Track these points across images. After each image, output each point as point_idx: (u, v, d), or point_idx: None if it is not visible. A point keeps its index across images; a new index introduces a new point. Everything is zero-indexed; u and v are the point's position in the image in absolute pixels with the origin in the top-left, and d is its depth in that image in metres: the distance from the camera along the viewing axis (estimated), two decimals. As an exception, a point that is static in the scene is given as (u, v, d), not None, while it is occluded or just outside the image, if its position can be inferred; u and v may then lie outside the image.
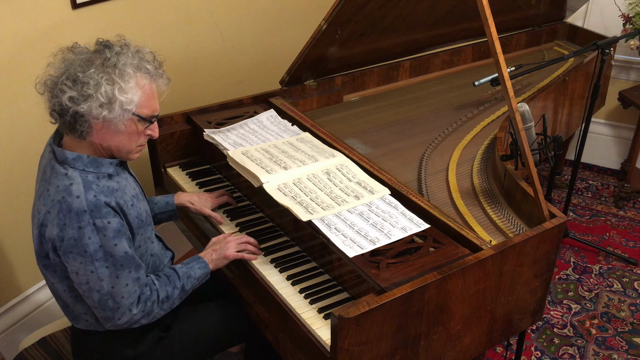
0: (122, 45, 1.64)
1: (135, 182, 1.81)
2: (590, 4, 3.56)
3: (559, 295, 2.99)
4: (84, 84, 1.54)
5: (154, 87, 1.67)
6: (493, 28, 1.71)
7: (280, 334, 1.80)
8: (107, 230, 1.57)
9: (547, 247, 1.84)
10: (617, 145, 3.90)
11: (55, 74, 1.59)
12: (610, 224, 3.48)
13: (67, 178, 1.59)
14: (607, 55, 2.69)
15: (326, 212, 1.82)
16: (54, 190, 1.59)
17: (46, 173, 1.65)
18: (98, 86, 1.55)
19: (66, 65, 1.59)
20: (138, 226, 1.70)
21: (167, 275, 1.78)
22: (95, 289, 1.61)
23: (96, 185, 1.60)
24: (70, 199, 1.55)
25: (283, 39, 3.32)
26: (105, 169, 1.65)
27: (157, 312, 1.74)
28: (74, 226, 1.54)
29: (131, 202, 1.68)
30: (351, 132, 2.51)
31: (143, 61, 1.64)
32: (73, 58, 1.60)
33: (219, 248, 1.90)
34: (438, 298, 1.64)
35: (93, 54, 1.61)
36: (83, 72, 1.56)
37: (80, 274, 1.59)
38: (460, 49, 3.14)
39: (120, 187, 1.67)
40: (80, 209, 1.55)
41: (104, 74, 1.56)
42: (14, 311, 2.50)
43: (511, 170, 2.04)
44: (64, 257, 1.59)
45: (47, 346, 1.99)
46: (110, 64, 1.58)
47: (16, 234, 2.43)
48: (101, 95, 1.55)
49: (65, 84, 1.55)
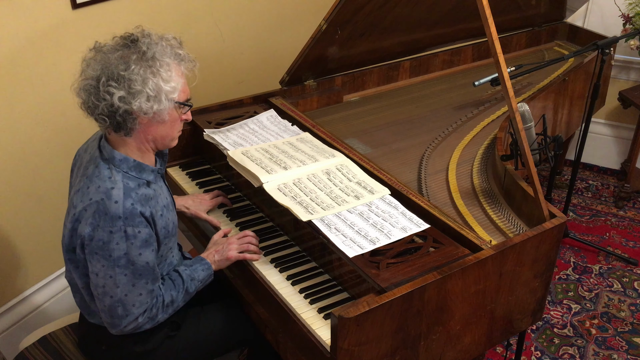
0: (146, 35, 1.62)
1: (168, 192, 1.83)
2: (590, 4, 3.56)
3: (559, 295, 2.99)
4: (130, 81, 1.54)
5: (184, 70, 1.68)
6: (493, 28, 1.71)
7: (280, 334, 1.80)
8: (135, 239, 1.59)
9: (547, 247, 1.84)
10: (617, 145, 3.90)
11: (93, 76, 1.57)
12: (610, 224, 3.48)
13: (110, 181, 1.60)
14: (607, 55, 2.69)
15: (326, 212, 1.82)
16: (94, 189, 1.60)
17: (88, 169, 1.66)
18: (145, 81, 1.56)
19: (102, 66, 1.57)
20: (164, 236, 1.72)
21: (172, 279, 1.78)
22: (109, 294, 1.62)
23: (135, 193, 1.61)
24: (108, 203, 1.57)
25: (283, 39, 3.32)
26: (146, 176, 1.67)
27: (161, 317, 1.74)
28: (105, 229, 1.56)
29: (161, 212, 1.69)
30: (351, 132, 2.51)
31: (173, 47, 1.65)
32: (106, 58, 1.58)
33: (221, 249, 1.90)
34: (438, 298, 1.64)
35: (124, 49, 1.59)
36: (125, 69, 1.55)
37: (100, 276, 1.61)
38: (460, 49, 3.14)
39: (155, 195, 1.68)
40: (115, 214, 1.56)
41: (146, 68, 1.56)
42: (14, 311, 2.50)
43: (511, 170, 2.04)
44: (89, 256, 1.61)
45: (47, 345, 1.98)
46: (148, 57, 1.57)
47: (16, 234, 2.43)
48: (149, 89, 1.56)
49: (110, 85, 1.54)
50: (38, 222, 2.49)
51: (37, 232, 2.50)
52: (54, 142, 2.43)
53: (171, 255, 1.83)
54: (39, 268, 2.56)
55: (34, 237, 2.49)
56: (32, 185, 2.42)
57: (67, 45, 2.37)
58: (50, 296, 2.60)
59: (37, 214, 2.47)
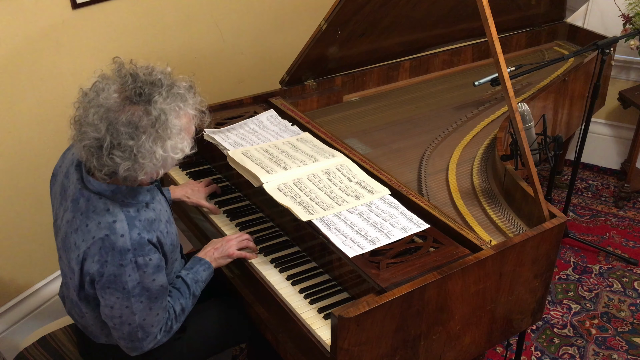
0: (157, 85, 1.50)
1: (166, 202, 1.78)
2: (590, 4, 3.56)
3: (559, 295, 2.99)
4: (138, 154, 1.47)
5: (192, 113, 1.60)
6: (493, 28, 1.71)
7: (280, 334, 1.80)
8: (147, 267, 1.54)
9: (547, 247, 1.84)
10: (617, 145, 3.90)
11: (94, 137, 1.46)
12: (610, 224, 3.48)
13: (109, 214, 1.53)
14: (607, 55, 2.69)
15: (326, 212, 1.82)
16: (94, 226, 1.52)
17: (79, 203, 1.57)
18: (152, 154, 1.48)
19: (107, 126, 1.45)
20: (171, 251, 1.69)
21: (177, 288, 1.77)
22: (127, 322, 1.59)
23: (138, 220, 1.55)
24: (114, 238, 1.50)
25: (283, 39, 3.32)
26: (142, 197, 1.60)
27: (175, 327, 1.74)
28: (115, 263, 1.51)
29: (166, 230, 1.65)
30: (351, 132, 2.51)
31: (182, 99, 1.54)
32: (111, 117, 1.46)
33: (220, 247, 1.90)
34: (438, 298, 1.64)
35: (131, 105, 1.47)
36: (134, 139, 1.46)
37: (115, 308, 1.56)
38: (460, 49, 3.14)
39: (157, 216, 1.62)
40: (124, 248, 1.50)
41: (157, 139, 1.48)
42: (14, 311, 2.50)
43: (511, 170, 2.05)
44: (101, 291, 1.55)
45: (47, 345, 1.98)
46: (160, 125, 1.48)
47: (16, 234, 2.43)
48: (156, 160, 1.50)
49: (114, 153, 1.46)
50: (38, 222, 2.48)
51: (37, 232, 2.50)
52: (54, 142, 2.43)
53: (177, 265, 1.81)
54: (39, 268, 2.56)
55: (33, 237, 2.49)
56: (32, 185, 2.42)
57: (67, 45, 2.37)
58: (50, 296, 2.60)
59: (37, 214, 2.47)
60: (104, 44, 2.52)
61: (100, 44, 2.50)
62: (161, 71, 1.55)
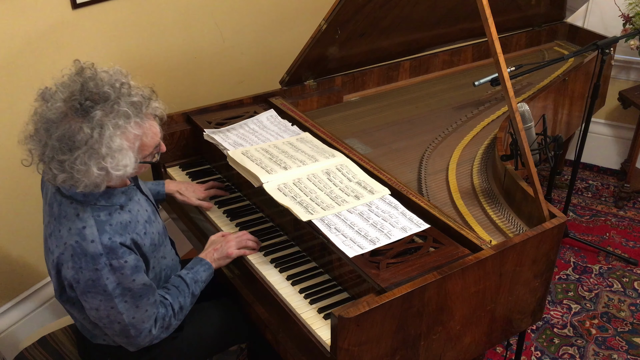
0: (101, 97, 1.45)
1: (147, 201, 1.76)
2: (590, 4, 3.56)
3: (559, 295, 2.99)
4: (72, 169, 1.44)
5: (150, 125, 1.55)
6: (493, 28, 1.71)
7: (280, 334, 1.80)
8: (124, 269, 1.53)
9: (547, 247, 1.84)
10: (617, 145, 3.90)
11: (37, 142, 1.47)
12: (610, 224, 3.48)
13: (79, 220, 1.52)
14: (607, 55, 2.69)
15: (326, 212, 1.82)
16: (65, 232, 1.52)
17: (53, 208, 1.58)
18: (87, 171, 1.44)
19: (46, 136, 1.44)
20: (152, 251, 1.68)
21: (176, 286, 1.77)
22: (116, 321, 1.59)
23: (109, 225, 1.54)
24: (85, 244, 1.49)
25: (283, 39, 3.32)
26: (117, 200, 1.59)
27: (174, 324, 1.74)
28: (90, 268, 1.50)
29: (144, 230, 1.63)
30: (351, 132, 2.51)
31: (125, 117, 1.47)
32: (50, 128, 1.44)
33: (219, 247, 1.90)
34: (438, 298, 1.64)
35: (71, 120, 1.44)
36: (66, 154, 1.43)
37: (101, 310, 1.56)
38: (460, 49, 3.14)
39: (132, 218, 1.61)
40: (96, 253, 1.49)
41: (92, 156, 1.43)
42: (13, 311, 2.50)
43: (511, 170, 2.04)
44: (82, 296, 1.55)
45: (47, 345, 1.98)
46: (93, 143, 1.43)
47: (17, 234, 2.43)
48: (94, 178, 1.46)
49: (52, 166, 1.45)
50: (38, 222, 2.47)
51: (37, 232, 2.49)
52: (54, 142, 2.43)
53: (164, 261, 1.79)
54: (39, 268, 2.56)
55: (33, 237, 2.49)
56: (31, 186, 2.41)
57: (67, 46, 2.37)
58: (50, 296, 2.60)
59: (37, 214, 2.46)
60: (104, 44, 2.52)
61: (100, 44, 2.50)
62: (113, 82, 1.49)
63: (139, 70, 2.69)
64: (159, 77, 2.79)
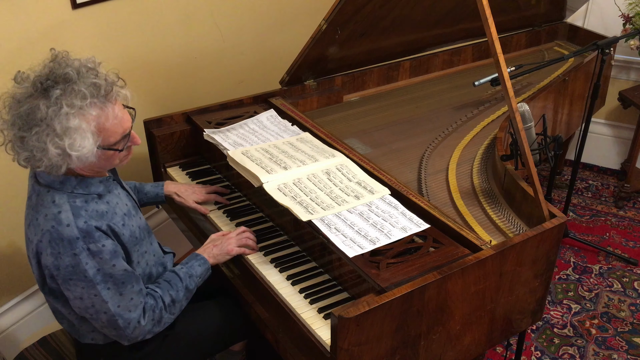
0: (62, 78, 1.47)
1: (127, 196, 1.76)
2: (590, 4, 3.56)
3: (559, 295, 2.99)
4: (32, 147, 1.46)
5: (113, 109, 1.53)
6: (493, 28, 1.71)
7: (280, 334, 1.80)
8: (102, 254, 1.53)
9: (547, 247, 1.84)
10: (617, 145, 3.90)
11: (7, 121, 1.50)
12: (610, 224, 3.48)
13: (54, 206, 1.53)
14: (607, 55, 2.69)
15: (326, 212, 1.83)
16: (42, 219, 1.54)
17: (32, 199, 1.59)
18: (45, 151, 1.46)
19: (12, 115, 1.48)
20: (133, 244, 1.67)
21: (168, 280, 1.77)
22: (102, 311, 1.59)
23: (84, 210, 1.55)
24: (60, 228, 1.51)
25: (283, 39, 3.32)
26: (94, 189, 1.60)
27: (167, 318, 1.74)
28: (68, 254, 1.51)
29: (122, 222, 1.63)
30: (351, 132, 2.51)
31: (82, 97, 1.47)
32: (14, 107, 1.48)
33: (219, 244, 1.90)
34: (438, 298, 1.64)
35: (34, 99, 1.47)
36: (27, 131, 1.45)
37: (85, 298, 1.56)
38: (460, 49, 3.14)
39: (110, 209, 1.61)
40: (72, 237, 1.50)
41: (47, 136, 1.45)
42: (14, 311, 2.50)
43: (511, 170, 2.05)
44: (64, 285, 1.56)
45: (47, 345, 1.99)
46: (49, 120, 1.44)
47: (16, 233, 2.43)
48: (52, 157, 1.46)
49: (16, 143, 1.48)
50: (38, 222, 2.48)
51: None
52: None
53: (149, 257, 1.78)
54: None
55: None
56: (32, 185, 2.42)
57: (67, 45, 2.36)
58: (50, 296, 2.61)
59: (37, 214, 2.47)
60: (104, 44, 2.52)
61: (100, 44, 2.50)
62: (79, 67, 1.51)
63: (139, 70, 2.69)
64: (159, 77, 2.79)
